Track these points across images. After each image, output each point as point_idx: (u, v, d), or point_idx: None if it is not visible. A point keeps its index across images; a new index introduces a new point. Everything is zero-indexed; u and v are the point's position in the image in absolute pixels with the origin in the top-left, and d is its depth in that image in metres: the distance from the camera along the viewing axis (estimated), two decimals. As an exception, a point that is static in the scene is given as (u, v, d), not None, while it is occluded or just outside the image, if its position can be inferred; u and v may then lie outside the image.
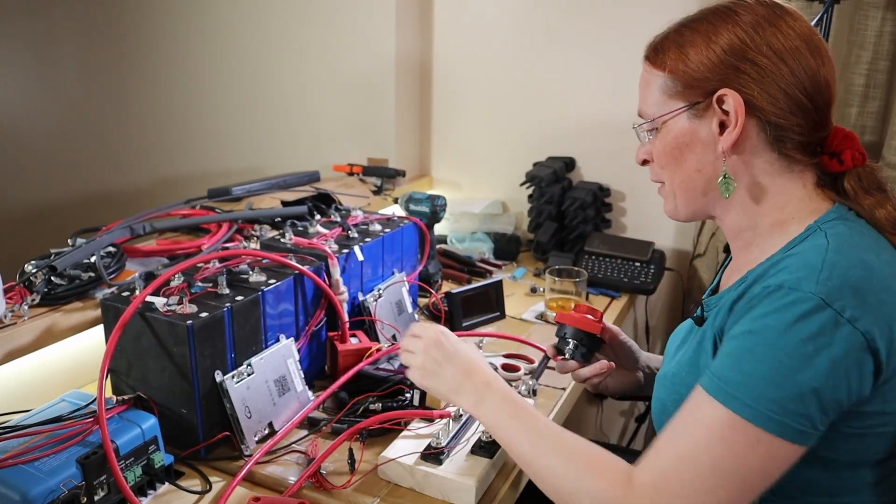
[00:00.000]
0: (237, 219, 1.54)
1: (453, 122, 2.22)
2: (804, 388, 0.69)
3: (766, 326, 0.71)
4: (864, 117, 1.75)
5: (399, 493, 0.96)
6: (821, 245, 0.75)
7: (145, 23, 2.60)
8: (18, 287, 1.15)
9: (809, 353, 0.69)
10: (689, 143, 0.84)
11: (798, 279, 0.71)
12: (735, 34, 0.80)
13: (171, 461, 0.97)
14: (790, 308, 0.70)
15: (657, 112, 0.87)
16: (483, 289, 1.52)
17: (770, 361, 0.70)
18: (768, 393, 0.69)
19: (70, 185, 2.97)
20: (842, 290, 0.70)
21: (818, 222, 0.80)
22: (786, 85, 0.79)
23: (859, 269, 0.72)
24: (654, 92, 0.87)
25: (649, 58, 0.88)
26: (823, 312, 0.69)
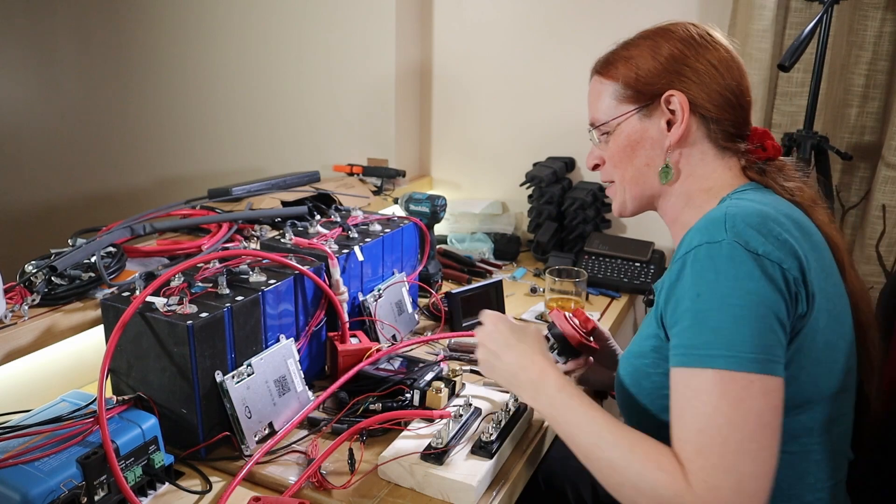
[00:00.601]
0: (237, 219, 1.54)
1: (453, 122, 2.22)
2: (758, 323, 0.76)
3: (708, 282, 0.78)
4: (864, 117, 1.75)
5: (399, 493, 0.96)
6: (721, 206, 0.86)
7: (145, 23, 2.60)
8: (19, 287, 1.16)
9: (750, 288, 0.76)
10: (639, 141, 0.97)
11: (710, 234, 0.80)
12: (675, 46, 0.94)
13: (171, 461, 0.97)
14: (715, 259, 0.78)
15: (609, 116, 0.99)
16: (483, 289, 1.53)
17: (724, 311, 0.76)
18: (735, 338, 0.75)
19: (70, 186, 2.97)
20: (747, 232, 0.79)
21: (730, 195, 0.92)
22: (718, 86, 0.93)
23: (755, 216, 0.81)
24: (605, 100, 0.99)
25: (600, 71, 1.00)
26: (742, 251, 0.77)
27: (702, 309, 0.78)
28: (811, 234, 0.88)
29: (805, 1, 1.71)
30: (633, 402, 0.93)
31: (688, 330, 0.79)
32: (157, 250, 1.42)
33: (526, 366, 0.94)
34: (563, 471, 1.23)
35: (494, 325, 1.00)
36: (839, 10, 1.67)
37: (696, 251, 0.80)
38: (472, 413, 1.08)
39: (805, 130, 1.65)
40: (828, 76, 1.73)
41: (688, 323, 0.79)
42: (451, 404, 1.13)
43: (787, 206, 0.90)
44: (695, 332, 0.78)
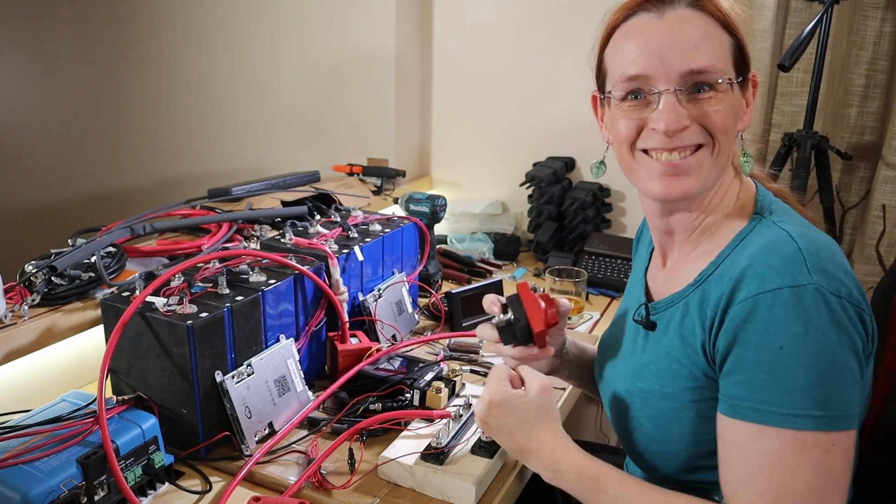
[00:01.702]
0: (237, 219, 1.54)
1: (453, 122, 2.22)
2: (843, 377, 0.69)
3: (795, 335, 0.69)
4: (863, 117, 1.75)
5: (399, 493, 0.96)
6: (780, 235, 0.76)
7: (145, 24, 2.60)
8: (19, 287, 1.16)
9: (839, 341, 0.69)
10: (738, 112, 0.82)
11: (793, 276, 0.71)
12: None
13: (171, 461, 0.97)
14: (802, 308, 0.69)
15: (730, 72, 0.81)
16: (483, 289, 1.52)
17: (812, 368, 0.69)
18: (818, 396, 0.69)
19: (70, 186, 2.97)
20: (828, 270, 0.71)
21: (757, 213, 0.83)
22: None
23: (823, 249, 0.74)
24: (724, 50, 0.80)
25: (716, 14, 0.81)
26: (831, 298, 0.69)
27: (785, 364, 0.69)
28: None
29: (805, 1, 1.71)
30: (661, 448, 0.85)
31: (764, 383, 0.70)
32: (157, 250, 1.42)
33: (534, 451, 0.85)
34: None
35: (489, 410, 0.86)
36: (839, 10, 1.67)
37: (778, 294, 0.70)
38: (472, 413, 1.08)
39: (805, 130, 1.65)
40: (828, 76, 1.73)
41: (764, 376, 0.70)
42: (451, 404, 1.13)
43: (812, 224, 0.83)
44: (774, 388, 0.70)
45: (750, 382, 0.71)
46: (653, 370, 0.85)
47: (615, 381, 0.94)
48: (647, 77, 0.80)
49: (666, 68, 0.78)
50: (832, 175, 1.72)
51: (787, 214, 0.82)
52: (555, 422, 0.86)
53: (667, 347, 0.83)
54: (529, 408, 0.85)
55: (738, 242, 0.80)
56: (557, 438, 0.85)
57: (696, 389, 0.79)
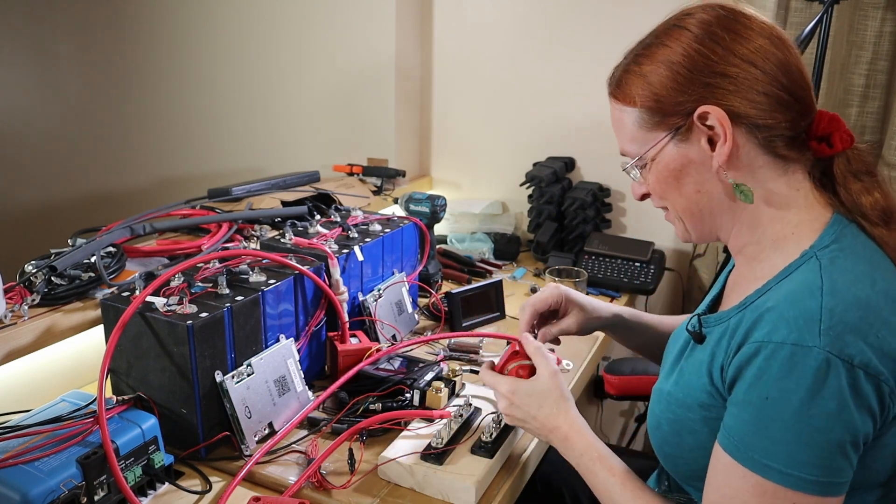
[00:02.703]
0: (237, 219, 1.54)
1: (453, 122, 2.22)
2: (834, 444, 0.68)
3: (784, 391, 0.69)
4: (864, 117, 1.75)
5: (399, 493, 0.96)
6: (813, 284, 0.73)
7: (145, 23, 2.60)
8: (18, 287, 1.16)
9: (833, 410, 0.68)
10: (682, 168, 0.82)
11: (800, 334, 0.69)
12: (693, 49, 0.78)
13: (171, 461, 0.97)
14: (800, 368, 0.68)
15: (640, 148, 0.84)
16: (483, 289, 1.53)
17: (797, 427, 0.68)
18: (800, 456, 0.68)
19: (70, 186, 2.97)
20: (845, 337, 0.68)
21: (814, 248, 0.78)
22: (762, 87, 0.77)
23: (856, 309, 0.70)
24: (630, 129, 0.85)
25: (614, 94, 0.86)
26: (835, 366, 0.67)
27: (768, 415, 0.70)
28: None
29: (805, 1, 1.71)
30: (674, 452, 0.87)
31: (747, 424, 0.72)
32: (157, 250, 1.42)
33: (551, 430, 0.93)
34: (560, 473, 1.23)
35: (510, 399, 0.96)
36: (839, 10, 1.67)
37: (778, 349, 0.69)
38: (472, 413, 1.08)
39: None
40: (828, 76, 1.73)
41: (748, 417, 0.71)
42: (451, 404, 1.13)
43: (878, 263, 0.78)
44: (752, 432, 0.71)
45: (738, 417, 0.73)
46: (683, 378, 0.86)
47: (661, 376, 0.96)
48: None
49: None
50: (832, 175, 1.72)
51: (849, 255, 0.76)
52: (566, 402, 0.95)
53: (699, 360, 0.83)
54: (546, 390, 0.95)
55: (783, 276, 0.78)
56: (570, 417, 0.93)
57: (710, 407, 0.80)
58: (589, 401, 2.06)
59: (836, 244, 0.77)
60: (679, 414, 0.84)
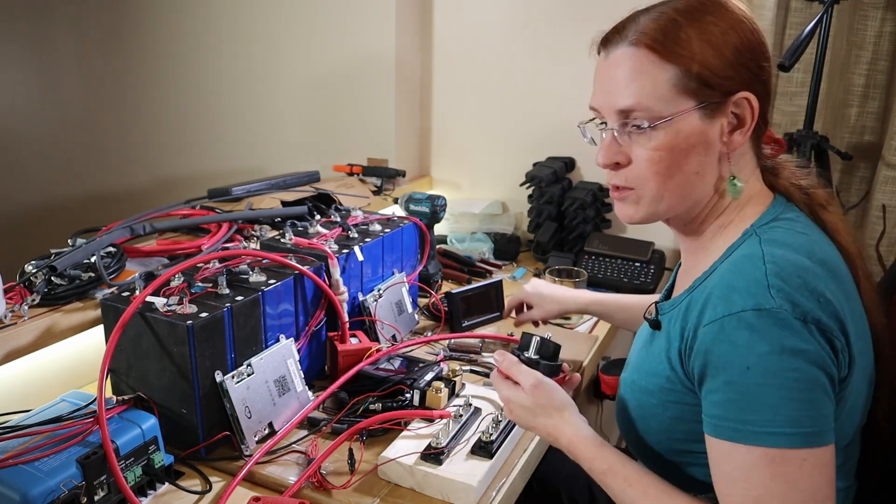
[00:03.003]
0: (237, 219, 1.54)
1: (453, 122, 2.22)
2: (813, 394, 0.71)
3: (760, 355, 0.71)
4: (864, 117, 1.75)
5: (399, 493, 0.96)
6: (755, 255, 0.76)
7: (145, 23, 2.60)
8: (18, 287, 1.16)
9: (801, 364, 0.70)
10: (697, 145, 0.80)
11: (755, 299, 0.72)
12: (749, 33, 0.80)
13: (171, 461, 0.97)
14: (767, 328, 0.70)
15: (665, 108, 0.79)
16: (483, 289, 1.52)
17: (784, 384, 0.70)
18: (795, 412, 0.70)
19: (70, 186, 2.97)
20: (795, 296, 0.71)
21: (754, 225, 0.82)
22: (769, 83, 0.83)
23: (797, 275, 0.73)
24: (659, 85, 0.79)
25: (653, 46, 0.79)
26: (794, 320, 0.70)
27: (753, 383, 0.71)
28: (839, 274, 0.80)
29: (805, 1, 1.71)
30: (638, 437, 0.90)
31: (735, 403, 0.72)
32: (157, 250, 1.42)
33: (555, 439, 0.90)
34: (558, 473, 1.23)
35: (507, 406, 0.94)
36: (839, 10, 1.67)
37: (742, 317, 0.72)
38: (472, 413, 1.08)
39: (805, 130, 1.65)
40: (828, 76, 1.73)
41: (735, 395, 0.72)
42: (451, 404, 1.13)
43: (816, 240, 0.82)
44: (744, 407, 0.72)
45: (723, 402, 0.73)
46: (645, 366, 0.89)
47: (627, 367, 0.98)
48: (599, 112, 0.86)
49: (608, 106, 0.83)
50: (832, 175, 1.72)
51: (787, 230, 0.81)
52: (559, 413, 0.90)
53: (659, 347, 0.86)
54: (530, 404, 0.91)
55: (727, 256, 0.81)
56: (567, 430, 0.89)
57: (670, 391, 0.82)
58: (589, 401, 2.06)
59: (776, 221, 0.82)
60: (642, 400, 0.87)
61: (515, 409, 0.93)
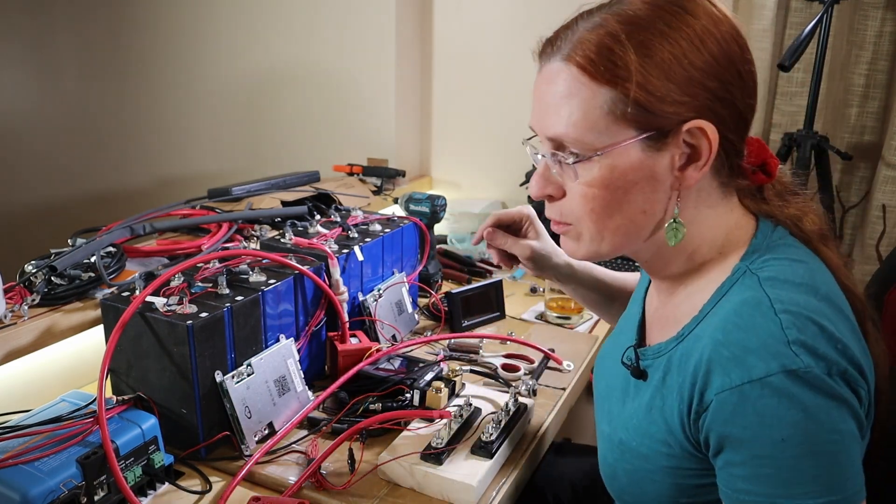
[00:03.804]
0: (237, 219, 1.54)
1: (453, 122, 2.22)
2: (852, 451, 0.64)
3: (795, 424, 0.62)
4: (864, 117, 1.75)
5: (399, 493, 0.96)
6: (761, 303, 0.66)
7: (144, 23, 2.60)
8: (18, 287, 1.16)
9: (838, 423, 0.63)
10: (637, 182, 0.69)
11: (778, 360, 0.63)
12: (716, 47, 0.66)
13: (171, 461, 0.97)
14: (797, 392, 0.62)
15: (598, 139, 0.68)
16: (483, 289, 1.52)
17: (816, 455, 0.63)
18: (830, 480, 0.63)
19: (70, 186, 2.97)
20: (818, 349, 0.63)
21: (745, 261, 0.72)
22: (742, 104, 0.69)
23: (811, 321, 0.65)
24: (590, 111, 0.68)
25: (585, 66, 0.67)
26: (824, 378, 0.62)
27: (790, 456, 0.62)
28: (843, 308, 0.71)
29: (805, 1, 1.72)
30: (633, 500, 0.81)
31: (769, 478, 0.63)
32: (157, 250, 1.42)
33: None
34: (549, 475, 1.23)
35: None
36: (839, 10, 1.67)
37: (766, 384, 0.62)
38: (472, 413, 1.08)
39: (805, 130, 1.66)
40: (828, 76, 1.73)
41: (769, 470, 0.63)
42: (451, 404, 1.13)
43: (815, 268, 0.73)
44: (781, 482, 0.63)
45: (753, 478, 0.64)
46: (633, 424, 0.78)
47: (603, 417, 0.88)
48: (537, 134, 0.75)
49: (539, 130, 0.73)
50: (832, 175, 1.72)
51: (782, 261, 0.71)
52: None
53: (648, 403, 0.76)
54: None
55: (718, 298, 0.71)
56: None
57: (670, 457, 0.73)
58: (588, 401, 2.06)
59: (768, 253, 0.72)
60: (637, 465, 0.77)
61: None
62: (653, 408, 0.75)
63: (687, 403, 0.69)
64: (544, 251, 1.05)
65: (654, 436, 0.74)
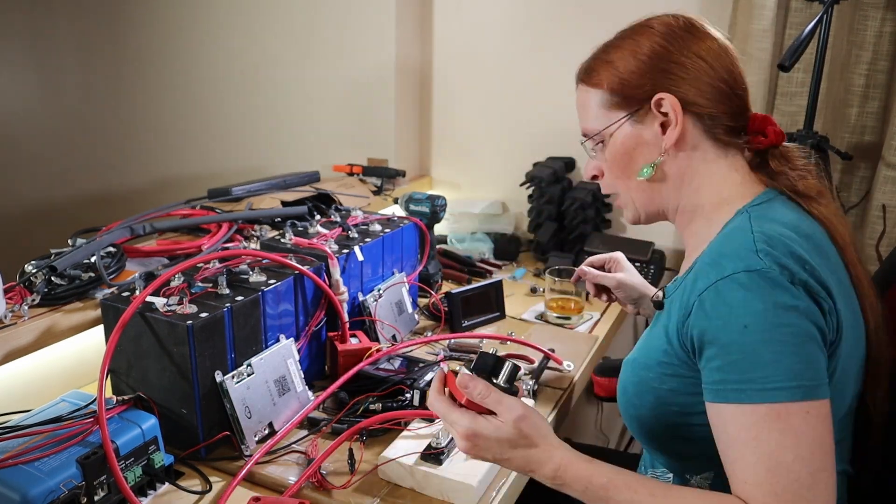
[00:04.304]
0: (237, 219, 1.54)
1: (453, 122, 2.22)
2: (809, 347, 0.74)
3: (755, 313, 0.74)
4: (864, 117, 1.75)
5: (399, 493, 0.96)
6: (743, 227, 0.82)
7: (145, 23, 2.60)
8: (18, 287, 1.16)
9: (795, 318, 0.74)
10: (635, 147, 0.93)
11: (745, 261, 0.76)
12: (656, 42, 0.90)
13: (171, 461, 0.97)
14: (759, 287, 0.74)
15: (601, 125, 0.94)
16: (483, 289, 1.53)
17: (780, 339, 0.73)
18: (794, 366, 0.73)
19: (70, 186, 2.97)
20: (783, 260, 0.76)
21: (746, 206, 0.88)
22: (709, 78, 0.89)
23: (783, 245, 0.78)
24: (593, 109, 0.95)
25: (583, 79, 0.97)
26: (785, 276, 0.75)
27: (752, 341, 0.74)
28: (825, 249, 0.85)
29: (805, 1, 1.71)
30: (636, 412, 0.91)
31: (735, 364, 0.74)
32: (157, 250, 1.42)
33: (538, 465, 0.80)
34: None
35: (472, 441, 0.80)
36: (839, 10, 1.67)
37: (734, 279, 0.76)
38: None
39: (805, 130, 1.65)
40: (828, 76, 1.73)
41: (735, 356, 0.74)
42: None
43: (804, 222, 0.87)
44: (745, 367, 0.74)
45: (723, 367, 0.76)
46: (645, 343, 0.93)
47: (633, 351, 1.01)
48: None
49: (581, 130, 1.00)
50: (832, 175, 1.72)
51: (776, 210, 0.87)
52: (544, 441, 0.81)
53: (659, 325, 0.90)
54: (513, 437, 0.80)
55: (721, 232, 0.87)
56: (555, 454, 0.80)
57: (667, 364, 0.85)
58: (588, 401, 2.06)
59: (767, 203, 0.88)
60: (641, 375, 0.90)
61: (484, 443, 0.80)
62: (661, 326, 0.88)
63: (680, 312, 0.82)
64: (630, 282, 1.26)
65: (657, 348, 0.87)
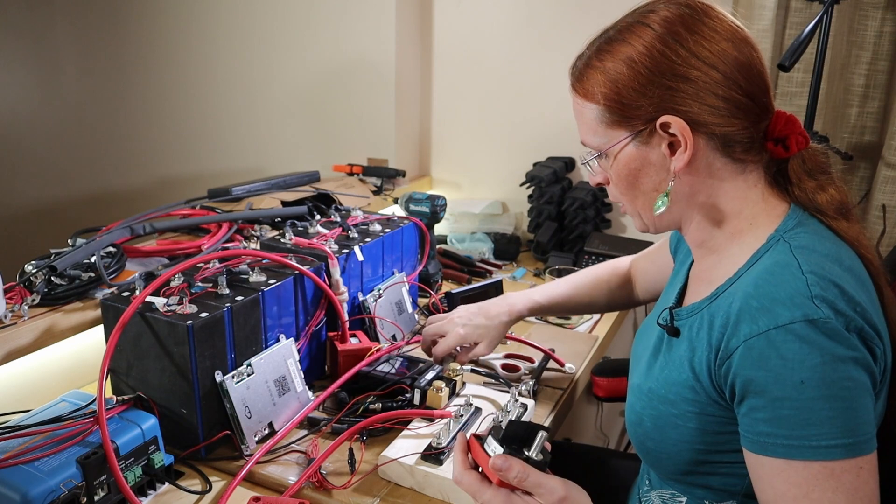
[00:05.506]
0: (237, 219, 1.54)
1: (453, 122, 2.22)
2: (865, 400, 0.70)
3: (814, 368, 0.69)
4: (864, 117, 1.75)
5: (399, 493, 0.96)
6: (790, 264, 0.75)
7: (145, 23, 2.60)
8: (18, 287, 1.16)
9: (853, 371, 0.70)
10: (641, 168, 0.83)
11: (802, 310, 0.70)
12: (655, 49, 0.78)
13: (171, 461, 0.97)
14: (817, 339, 0.69)
15: (600, 142, 0.85)
16: (483, 289, 1.52)
17: (832, 399, 0.69)
18: (844, 424, 0.69)
19: (70, 186, 2.97)
20: (838, 305, 0.70)
21: (779, 231, 0.80)
22: (722, 90, 0.77)
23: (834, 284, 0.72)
24: (591, 124, 0.85)
25: (576, 88, 0.85)
26: (839, 329, 0.69)
27: (808, 397, 0.69)
28: (866, 283, 0.79)
29: (805, 1, 1.72)
30: (655, 447, 0.86)
31: (788, 419, 0.70)
32: (157, 250, 1.42)
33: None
34: None
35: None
36: (839, 10, 1.67)
37: (790, 329, 0.70)
38: (472, 413, 1.08)
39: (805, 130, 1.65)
40: (828, 76, 1.73)
41: (788, 412, 0.70)
42: (452, 404, 1.13)
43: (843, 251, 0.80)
44: (799, 423, 0.69)
45: (773, 419, 0.71)
46: (664, 374, 0.85)
47: (636, 372, 0.95)
48: None
49: None
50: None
51: (813, 236, 0.79)
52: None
53: (679, 355, 0.83)
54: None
55: (753, 262, 0.79)
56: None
57: (695, 402, 0.80)
58: (588, 401, 2.06)
59: (800, 227, 0.80)
60: (662, 410, 0.84)
61: None
62: (683, 359, 0.82)
63: (715, 351, 0.76)
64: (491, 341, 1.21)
65: (682, 383, 0.81)
